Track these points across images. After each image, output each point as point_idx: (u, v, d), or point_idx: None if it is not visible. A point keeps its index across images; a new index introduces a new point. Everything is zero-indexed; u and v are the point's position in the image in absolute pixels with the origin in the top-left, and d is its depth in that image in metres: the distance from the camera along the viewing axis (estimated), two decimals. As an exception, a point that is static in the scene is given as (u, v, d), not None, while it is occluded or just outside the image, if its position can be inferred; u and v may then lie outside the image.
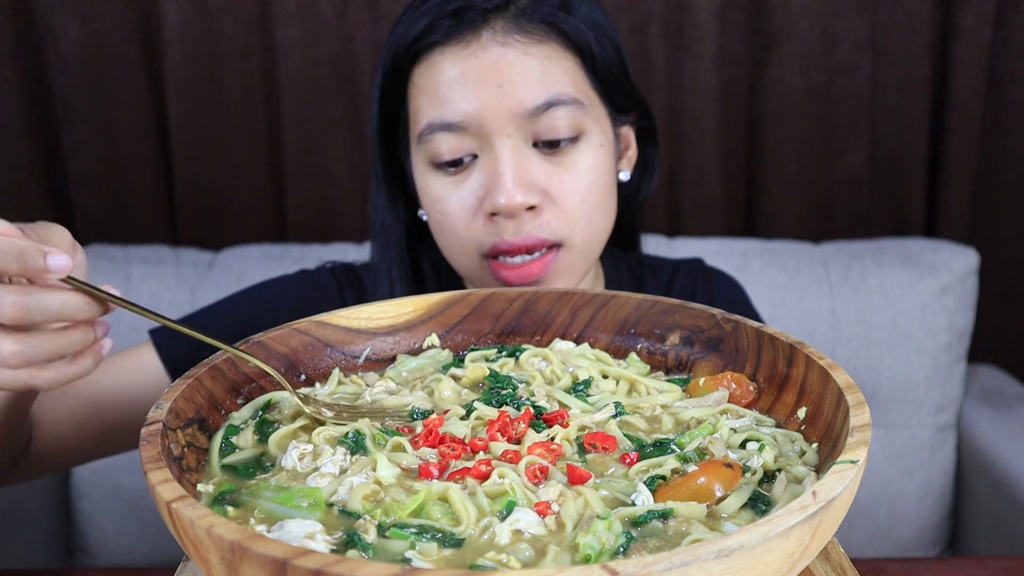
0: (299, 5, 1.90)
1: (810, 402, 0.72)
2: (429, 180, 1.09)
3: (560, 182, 1.05)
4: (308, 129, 1.96)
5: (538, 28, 1.05)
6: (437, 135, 1.05)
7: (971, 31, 1.92)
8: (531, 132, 1.04)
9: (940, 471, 1.86)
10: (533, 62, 1.03)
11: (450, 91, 1.03)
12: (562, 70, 1.05)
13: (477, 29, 1.04)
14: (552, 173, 1.05)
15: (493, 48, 1.03)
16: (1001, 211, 2.06)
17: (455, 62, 1.04)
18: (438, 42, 1.05)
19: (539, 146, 1.05)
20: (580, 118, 1.06)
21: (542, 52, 1.04)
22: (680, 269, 1.31)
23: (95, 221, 2.00)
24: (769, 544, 0.50)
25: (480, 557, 0.56)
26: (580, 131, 1.06)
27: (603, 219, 1.11)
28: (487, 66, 1.03)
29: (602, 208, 1.10)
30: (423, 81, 1.07)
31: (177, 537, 0.56)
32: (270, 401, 0.78)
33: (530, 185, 1.03)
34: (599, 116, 1.10)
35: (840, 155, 2.00)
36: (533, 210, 1.04)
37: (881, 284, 1.82)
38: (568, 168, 1.06)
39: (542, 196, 1.04)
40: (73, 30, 1.89)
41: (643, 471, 0.67)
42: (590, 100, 1.08)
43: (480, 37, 1.04)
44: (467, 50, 1.04)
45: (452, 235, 1.09)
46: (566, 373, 0.84)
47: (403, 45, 1.07)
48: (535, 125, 1.04)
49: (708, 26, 1.92)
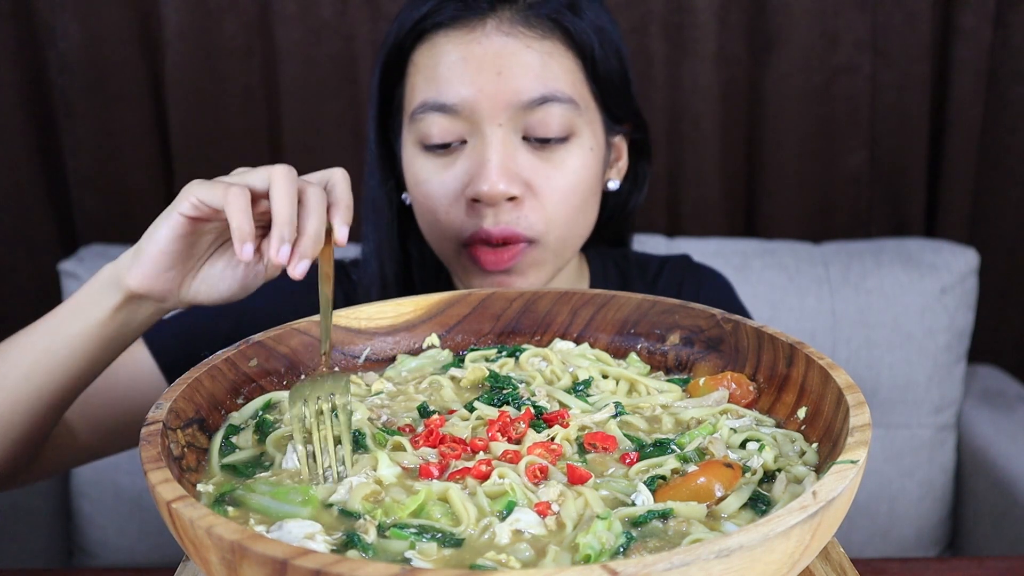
0: (299, 5, 1.90)
1: (810, 402, 0.72)
2: (416, 161, 1.10)
3: (544, 177, 1.06)
4: (308, 129, 1.96)
5: (543, 24, 1.06)
6: (429, 115, 1.06)
7: (971, 31, 1.92)
8: (523, 125, 1.05)
9: (940, 471, 1.86)
10: (534, 55, 1.04)
11: (448, 72, 1.04)
12: (562, 68, 1.06)
13: (483, 16, 1.05)
14: (538, 168, 1.06)
15: (496, 37, 1.04)
16: (1001, 211, 2.06)
17: (457, 45, 1.05)
18: (442, 24, 1.06)
19: (529, 140, 1.06)
20: (573, 118, 1.06)
21: (544, 47, 1.05)
22: (667, 265, 1.31)
23: (95, 221, 2.00)
24: (769, 544, 0.50)
25: (480, 557, 0.56)
26: (571, 131, 1.07)
27: (582, 221, 1.11)
28: (488, 53, 1.04)
29: (582, 210, 1.10)
30: (423, 61, 1.08)
31: (177, 537, 0.56)
32: (270, 401, 0.78)
33: (514, 176, 1.04)
34: (592, 120, 1.10)
35: (840, 155, 2.00)
36: (514, 201, 1.05)
37: (881, 284, 1.82)
38: (555, 165, 1.06)
39: (524, 189, 1.05)
40: (73, 30, 1.89)
41: (643, 471, 0.67)
42: (585, 103, 1.09)
43: (485, 24, 1.05)
44: (470, 35, 1.05)
45: (432, 218, 1.10)
46: (566, 373, 0.84)
47: (407, 25, 1.08)
48: (527, 118, 1.04)
49: (708, 26, 1.92)
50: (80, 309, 0.90)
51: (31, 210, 1.98)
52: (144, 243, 0.87)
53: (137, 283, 0.87)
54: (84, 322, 0.89)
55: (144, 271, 0.86)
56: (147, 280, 0.87)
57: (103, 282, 0.89)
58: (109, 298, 0.89)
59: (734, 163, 2.02)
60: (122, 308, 0.89)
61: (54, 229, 2.02)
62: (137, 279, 0.87)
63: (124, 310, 0.89)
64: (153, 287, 0.88)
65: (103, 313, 0.89)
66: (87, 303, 0.90)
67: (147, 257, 0.86)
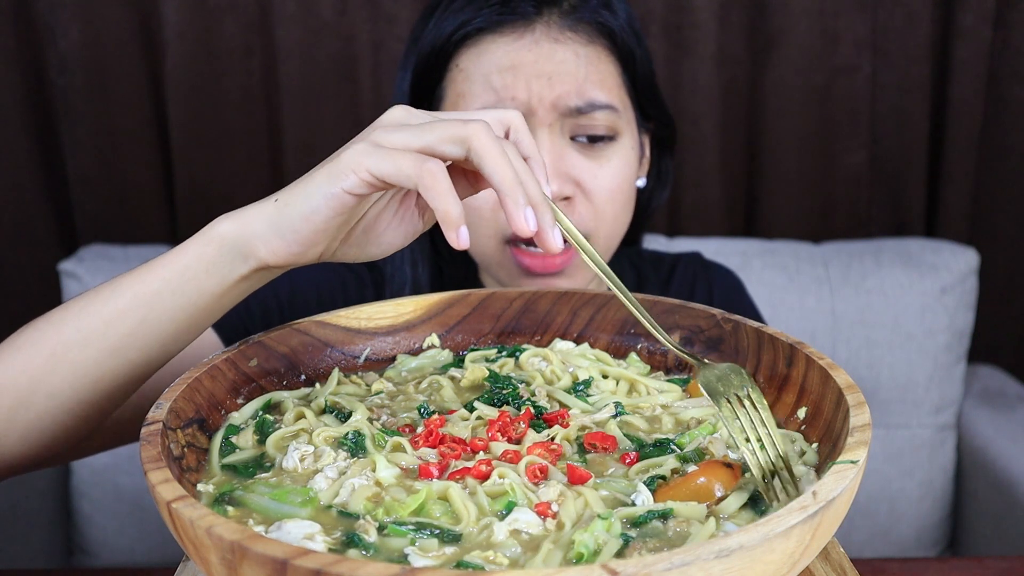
0: (299, 5, 1.90)
1: (810, 402, 0.72)
2: None
3: (593, 176, 1.08)
4: (308, 129, 1.96)
5: (588, 28, 1.09)
6: None
7: (971, 31, 1.92)
8: (569, 127, 1.08)
9: (940, 471, 1.86)
10: (581, 63, 1.07)
11: (501, 79, 1.06)
12: (606, 74, 1.09)
13: (531, 21, 1.07)
14: (585, 167, 1.08)
15: (546, 43, 1.06)
16: (1001, 211, 2.06)
17: (508, 52, 1.06)
18: (486, 29, 1.07)
19: (576, 140, 1.08)
20: (616, 121, 1.09)
21: (590, 54, 1.08)
22: (679, 262, 1.33)
23: (95, 221, 2.00)
24: (769, 544, 0.50)
25: (467, 555, 0.56)
26: (616, 132, 1.10)
27: (624, 220, 1.14)
28: (540, 59, 1.06)
29: (626, 208, 1.13)
30: (470, 66, 1.08)
31: (177, 537, 0.56)
32: (270, 401, 0.78)
33: (566, 177, 1.06)
34: (630, 120, 1.13)
35: (840, 155, 2.00)
36: (567, 201, 1.07)
37: (881, 284, 1.82)
38: (602, 164, 1.09)
39: (575, 188, 1.07)
40: (73, 30, 1.89)
41: (643, 471, 0.67)
42: (624, 105, 1.12)
43: (534, 30, 1.07)
44: (520, 41, 1.06)
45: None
46: (566, 373, 0.84)
47: (447, 28, 1.09)
48: (574, 121, 1.07)
49: (708, 26, 1.92)
50: (192, 279, 0.76)
51: (31, 210, 1.98)
52: (292, 216, 0.72)
53: (277, 258, 0.74)
54: (197, 294, 0.76)
55: (289, 249, 0.73)
56: (292, 256, 0.73)
57: (224, 248, 0.75)
58: (233, 268, 0.75)
59: (734, 163, 2.02)
60: (248, 278, 0.76)
61: (54, 229, 2.02)
62: (279, 255, 0.73)
63: (250, 280, 0.76)
64: (297, 260, 0.74)
65: (222, 285, 0.75)
66: (201, 272, 0.75)
67: (296, 235, 0.72)
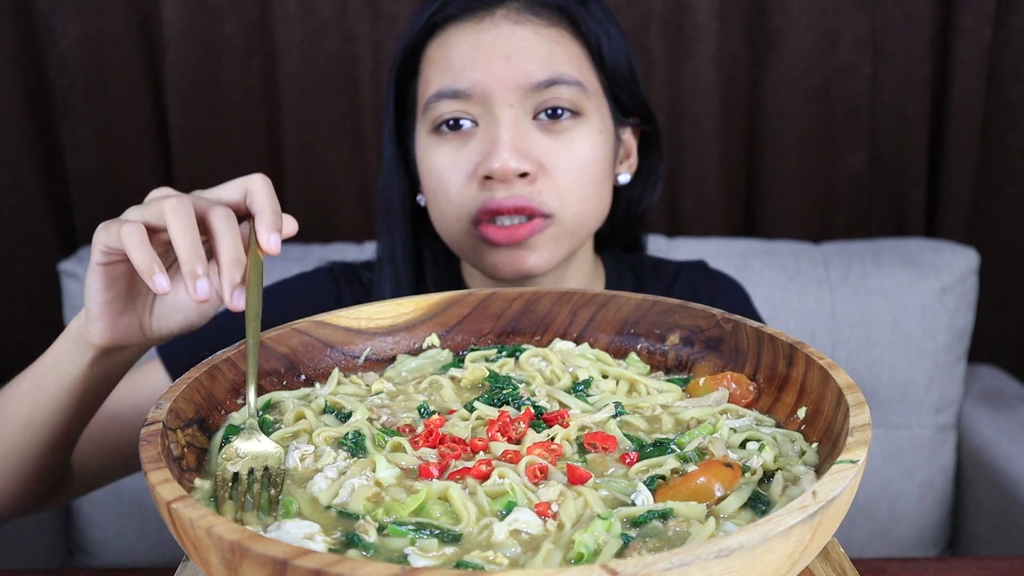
0: (299, 5, 1.90)
1: (810, 402, 0.72)
2: (430, 149, 1.11)
3: (556, 156, 1.08)
4: (308, 129, 1.96)
5: (551, 13, 1.10)
6: (443, 102, 1.08)
7: (971, 31, 1.92)
8: (532, 106, 1.08)
9: (940, 471, 1.86)
10: (542, 41, 1.08)
11: (459, 61, 1.07)
12: (569, 54, 1.09)
13: (492, 8, 1.09)
14: (549, 147, 1.08)
15: (505, 25, 1.08)
16: (1001, 211, 2.06)
17: (467, 36, 1.08)
18: (453, 17, 1.10)
19: (539, 119, 1.08)
20: (581, 99, 1.09)
21: (551, 34, 1.09)
22: (683, 271, 1.31)
23: (95, 221, 1.98)
24: (769, 544, 0.50)
25: (467, 555, 0.56)
26: (579, 110, 1.09)
27: (595, 201, 1.12)
28: (498, 40, 1.07)
29: (595, 191, 1.11)
30: (435, 54, 1.11)
31: (177, 537, 0.56)
32: (270, 401, 0.78)
33: (526, 153, 1.06)
34: (600, 105, 1.13)
35: (840, 155, 2.00)
36: (526, 177, 1.06)
37: (881, 284, 1.82)
38: (565, 144, 1.08)
39: (536, 166, 1.07)
40: (73, 30, 1.89)
41: (643, 471, 0.67)
42: (593, 87, 1.11)
43: (494, 15, 1.08)
44: (480, 25, 1.08)
45: (445, 202, 1.10)
46: (566, 373, 0.84)
47: (419, 22, 1.12)
48: (537, 99, 1.07)
49: (708, 26, 1.92)
50: (58, 365, 0.91)
51: (31, 210, 1.98)
52: (87, 298, 0.86)
53: (99, 339, 0.87)
54: (64, 378, 0.91)
55: (100, 326, 0.86)
56: (107, 333, 0.87)
57: (73, 339, 0.90)
58: (82, 355, 0.90)
59: (734, 163, 2.02)
60: (97, 361, 0.90)
61: (54, 229, 2.02)
62: (97, 335, 0.87)
63: (100, 363, 0.90)
64: (115, 338, 0.88)
65: (80, 369, 0.90)
66: (64, 359, 0.91)
67: (95, 313, 0.86)
